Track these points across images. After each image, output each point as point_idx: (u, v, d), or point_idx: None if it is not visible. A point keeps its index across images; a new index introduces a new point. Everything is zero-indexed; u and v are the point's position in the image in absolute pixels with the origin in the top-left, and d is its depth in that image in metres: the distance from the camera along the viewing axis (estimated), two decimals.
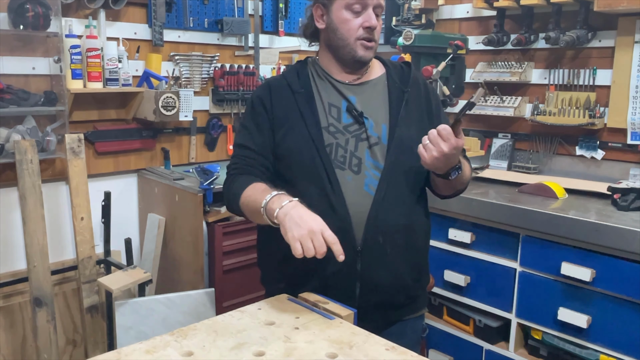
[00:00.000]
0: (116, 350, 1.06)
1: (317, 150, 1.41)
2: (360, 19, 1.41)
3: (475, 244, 2.33)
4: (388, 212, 1.41)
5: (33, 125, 2.30)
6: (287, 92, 1.48)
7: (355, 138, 1.44)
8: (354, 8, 1.41)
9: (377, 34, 1.45)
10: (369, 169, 1.42)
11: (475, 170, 2.75)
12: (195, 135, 2.88)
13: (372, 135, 1.44)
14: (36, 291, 2.18)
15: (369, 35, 1.42)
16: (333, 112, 1.46)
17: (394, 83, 1.51)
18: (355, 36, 1.42)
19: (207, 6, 2.83)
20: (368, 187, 1.41)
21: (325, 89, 1.49)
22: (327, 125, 1.44)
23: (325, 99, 1.48)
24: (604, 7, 2.29)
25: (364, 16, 1.41)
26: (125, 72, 2.49)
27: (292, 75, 1.52)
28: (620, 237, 1.87)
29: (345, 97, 1.47)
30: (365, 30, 1.41)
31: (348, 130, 1.45)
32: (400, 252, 1.44)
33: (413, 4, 3.03)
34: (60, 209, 2.51)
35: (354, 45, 1.43)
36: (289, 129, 1.45)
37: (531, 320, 2.16)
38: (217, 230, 2.40)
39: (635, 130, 2.43)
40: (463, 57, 2.75)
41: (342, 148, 1.43)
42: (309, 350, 1.07)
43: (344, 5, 1.41)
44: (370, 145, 1.44)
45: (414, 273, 1.50)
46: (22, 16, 2.15)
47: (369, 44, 1.43)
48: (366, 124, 1.44)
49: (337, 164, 1.42)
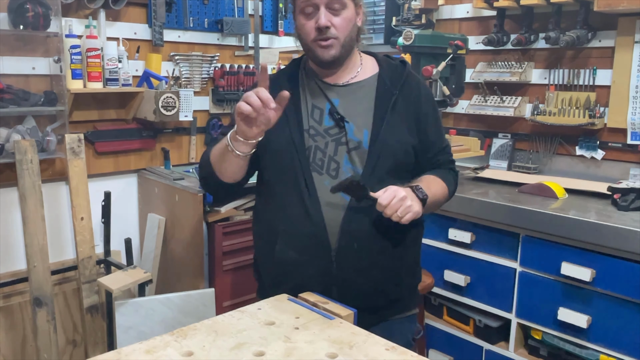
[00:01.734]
0: (116, 350, 1.06)
1: (297, 153, 1.40)
2: (313, 21, 1.38)
3: (475, 244, 2.33)
4: (363, 218, 1.39)
5: (33, 125, 2.30)
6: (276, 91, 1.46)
7: (335, 142, 1.42)
8: (306, 11, 1.39)
9: (338, 29, 1.39)
10: (346, 174, 1.40)
11: (475, 170, 2.75)
12: (195, 135, 2.88)
13: (351, 140, 1.42)
14: (36, 291, 2.18)
15: (321, 35, 1.38)
16: (315, 115, 1.45)
17: (384, 85, 1.47)
18: (310, 39, 1.40)
19: (207, 6, 2.83)
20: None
21: (311, 90, 1.48)
22: (308, 128, 1.44)
23: (309, 100, 1.47)
24: (604, 7, 2.29)
25: (316, 17, 1.38)
26: (125, 72, 2.49)
27: (285, 73, 1.52)
28: (620, 237, 1.87)
29: (329, 100, 1.45)
30: (317, 31, 1.38)
31: (329, 133, 1.43)
32: (377, 257, 1.43)
33: (413, 4, 3.03)
34: (60, 209, 2.51)
35: (313, 48, 1.41)
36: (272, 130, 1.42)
37: (531, 320, 2.16)
38: (217, 230, 2.40)
39: (635, 130, 2.43)
40: (463, 57, 2.75)
41: (321, 151, 1.42)
42: (309, 350, 1.07)
43: (298, 11, 1.41)
44: (349, 149, 1.42)
45: (393, 277, 1.47)
46: (22, 16, 2.15)
47: (325, 42, 1.39)
48: (346, 128, 1.42)
49: (315, 168, 1.41)
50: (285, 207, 1.42)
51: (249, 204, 2.53)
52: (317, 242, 1.38)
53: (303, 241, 1.40)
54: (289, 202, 1.41)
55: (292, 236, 1.42)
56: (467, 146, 2.74)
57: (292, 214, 1.40)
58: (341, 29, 1.39)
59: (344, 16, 1.39)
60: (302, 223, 1.39)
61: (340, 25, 1.39)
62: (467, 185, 2.48)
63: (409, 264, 1.52)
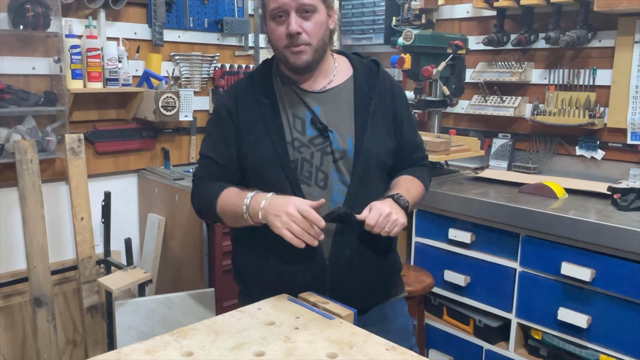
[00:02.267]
0: (116, 350, 1.06)
1: (282, 168, 1.38)
2: (283, 27, 1.34)
3: (475, 244, 2.33)
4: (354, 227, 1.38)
5: (33, 125, 2.30)
6: (252, 101, 1.44)
7: (320, 152, 1.40)
8: (276, 16, 1.35)
9: (310, 34, 1.35)
10: (335, 185, 1.40)
11: (475, 170, 2.75)
12: (195, 135, 2.88)
13: (337, 149, 1.40)
14: (36, 291, 2.18)
15: (292, 41, 1.35)
16: (297, 125, 1.42)
17: (361, 89, 1.45)
18: (281, 46, 1.37)
19: (207, 6, 2.83)
20: (335, 203, 1.40)
21: (289, 99, 1.44)
22: (292, 140, 1.41)
23: (289, 110, 1.43)
24: (604, 7, 2.29)
25: (286, 23, 1.34)
26: (125, 72, 2.49)
27: (257, 81, 1.47)
28: (620, 237, 1.87)
29: (310, 108, 1.42)
30: (288, 37, 1.34)
31: (313, 143, 1.41)
32: (369, 262, 1.45)
33: (413, 4, 3.03)
34: (60, 209, 2.51)
35: (285, 54, 1.37)
36: (254, 142, 1.42)
37: (531, 320, 2.16)
38: (217, 230, 2.39)
39: (635, 130, 2.43)
40: (463, 57, 2.75)
41: (308, 162, 1.40)
42: (309, 350, 1.07)
43: (269, 17, 1.37)
44: (336, 159, 1.40)
45: (383, 279, 1.51)
46: (22, 16, 2.15)
47: (296, 48, 1.35)
48: (331, 138, 1.40)
49: (303, 180, 1.40)
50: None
51: None
52: (312, 252, 1.38)
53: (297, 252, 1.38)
54: None
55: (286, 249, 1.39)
56: (467, 146, 2.74)
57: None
58: (313, 34, 1.36)
59: (315, 20, 1.36)
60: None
61: (311, 31, 1.36)
62: (467, 185, 2.48)
63: (392, 259, 1.56)
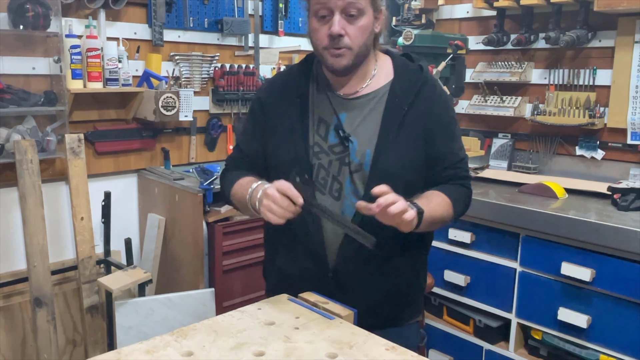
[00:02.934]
0: (116, 350, 1.06)
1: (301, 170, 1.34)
2: (326, 27, 1.29)
3: (475, 244, 2.33)
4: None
5: (33, 125, 2.30)
6: (284, 98, 1.42)
7: (339, 161, 1.36)
8: (319, 14, 1.29)
9: (352, 38, 1.29)
10: (348, 197, 1.36)
11: (475, 170, 2.75)
12: (195, 135, 2.88)
13: (353, 161, 1.35)
14: (36, 291, 2.18)
15: (333, 43, 1.29)
16: (321, 130, 1.39)
17: (394, 98, 1.37)
18: (322, 46, 1.31)
19: (207, 6, 2.83)
20: (345, 216, 1.35)
21: (320, 101, 1.41)
22: (313, 144, 1.38)
23: (317, 112, 1.40)
24: (604, 7, 2.29)
25: (329, 23, 1.28)
26: (125, 72, 2.49)
27: (293, 78, 1.45)
28: (620, 237, 1.87)
29: (337, 114, 1.38)
30: (330, 38, 1.29)
31: (333, 151, 1.37)
32: (374, 280, 1.40)
33: (413, 4, 3.03)
34: (60, 209, 2.51)
35: (324, 55, 1.32)
36: (279, 142, 1.40)
37: (531, 320, 2.16)
38: (217, 230, 2.39)
39: (635, 130, 2.43)
40: (463, 57, 2.75)
41: (325, 170, 1.37)
42: (309, 350, 1.07)
43: (312, 13, 1.31)
44: (352, 171, 1.36)
45: (390, 299, 1.43)
46: (22, 16, 2.15)
47: (337, 51, 1.30)
48: (350, 148, 1.35)
49: (319, 187, 1.37)
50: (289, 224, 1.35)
51: None
52: (316, 261, 1.37)
53: (302, 257, 1.39)
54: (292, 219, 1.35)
55: (293, 251, 1.41)
56: (467, 146, 2.74)
57: (294, 229, 1.37)
58: (355, 39, 1.30)
59: (359, 24, 1.30)
60: (303, 240, 1.38)
61: (354, 35, 1.30)
62: None
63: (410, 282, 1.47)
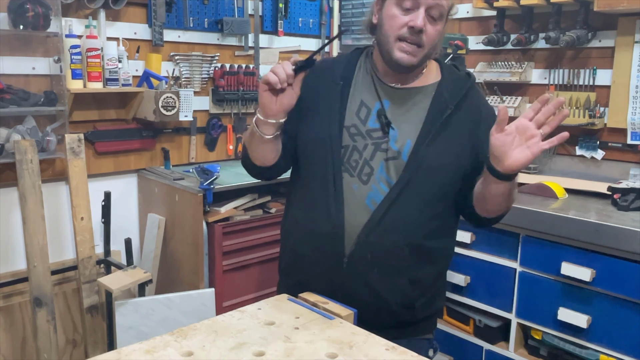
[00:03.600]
0: (116, 350, 1.06)
1: (332, 149, 1.35)
2: (407, 17, 1.29)
3: (475, 244, 2.33)
4: (383, 233, 1.32)
5: (33, 125, 2.30)
6: (328, 81, 1.41)
7: (374, 146, 1.35)
8: (404, 5, 1.30)
9: (428, 38, 1.31)
10: (378, 183, 1.33)
11: None
12: (195, 135, 2.88)
13: (391, 148, 1.34)
14: (36, 291, 2.18)
15: (410, 36, 1.29)
16: (362, 113, 1.37)
17: (441, 96, 1.37)
18: (396, 34, 1.31)
19: (207, 6, 2.83)
20: (370, 201, 1.33)
21: (364, 85, 1.40)
22: (350, 125, 1.36)
23: (359, 95, 1.39)
24: (604, 7, 2.29)
25: (412, 15, 1.29)
26: (125, 72, 2.49)
27: (341, 62, 1.45)
28: (620, 237, 1.87)
29: (380, 100, 1.37)
30: (409, 30, 1.29)
31: (370, 135, 1.35)
32: (389, 274, 1.35)
33: None
34: (60, 209, 2.51)
35: (393, 44, 1.31)
36: (313, 120, 1.39)
37: (531, 320, 2.16)
38: (217, 230, 2.39)
39: (635, 130, 2.43)
40: (463, 57, 2.75)
41: (358, 152, 1.35)
42: (309, 350, 1.07)
43: (395, 1, 1.32)
44: (388, 158, 1.34)
45: (402, 298, 1.38)
46: (22, 16, 2.14)
47: (409, 47, 1.30)
48: (390, 134, 1.34)
49: (348, 168, 1.35)
50: (310, 202, 1.38)
51: (249, 204, 2.54)
52: (332, 244, 1.34)
53: (318, 239, 1.37)
54: (314, 197, 1.38)
55: (310, 232, 1.39)
56: None
57: (314, 209, 1.37)
58: (430, 40, 1.32)
59: (437, 28, 1.32)
60: (321, 221, 1.35)
61: (431, 35, 1.32)
62: None
63: (426, 291, 1.43)
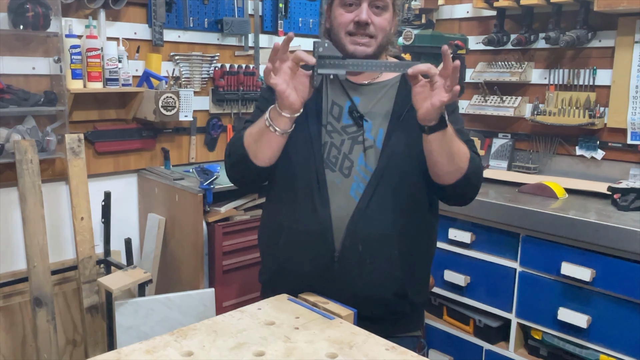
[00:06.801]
0: (116, 350, 1.06)
1: (312, 147, 1.39)
2: (352, 14, 1.37)
3: (475, 244, 2.33)
4: (371, 220, 1.35)
5: (33, 125, 2.30)
6: None
7: (351, 140, 1.41)
8: (347, 2, 1.37)
9: (378, 28, 1.38)
10: (359, 173, 1.38)
11: None
12: (195, 135, 2.88)
13: (367, 138, 1.40)
14: (36, 291, 2.18)
15: (358, 30, 1.37)
16: (334, 111, 1.44)
17: (406, 85, 1.41)
18: (345, 30, 1.38)
19: (207, 6, 2.83)
20: (354, 192, 1.38)
21: (333, 87, 1.46)
22: (326, 124, 1.42)
23: (330, 96, 1.45)
24: (604, 7, 2.29)
25: (357, 11, 1.36)
26: (125, 72, 2.49)
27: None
28: (620, 237, 1.87)
29: (350, 98, 1.43)
30: (355, 25, 1.36)
31: (346, 131, 1.42)
32: (382, 263, 1.38)
33: (413, 4, 3.03)
34: (60, 209, 2.51)
35: (344, 41, 1.38)
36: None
37: (531, 320, 2.16)
38: (217, 230, 2.40)
39: (635, 130, 2.43)
40: (463, 57, 2.76)
41: (336, 148, 1.40)
42: (309, 350, 1.07)
43: (338, 2, 1.39)
44: (365, 148, 1.40)
45: (396, 287, 1.40)
46: (22, 16, 2.15)
47: (360, 39, 1.37)
48: (364, 127, 1.40)
49: (329, 164, 1.40)
50: (294, 201, 1.40)
51: (249, 204, 2.54)
52: (321, 240, 1.36)
53: (307, 238, 1.38)
54: (297, 196, 1.40)
55: (297, 232, 1.40)
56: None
57: (299, 208, 1.38)
58: (380, 29, 1.38)
59: (384, 17, 1.38)
60: (308, 219, 1.37)
61: (379, 25, 1.38)
62: None
63: (416, 278, 1.46)
